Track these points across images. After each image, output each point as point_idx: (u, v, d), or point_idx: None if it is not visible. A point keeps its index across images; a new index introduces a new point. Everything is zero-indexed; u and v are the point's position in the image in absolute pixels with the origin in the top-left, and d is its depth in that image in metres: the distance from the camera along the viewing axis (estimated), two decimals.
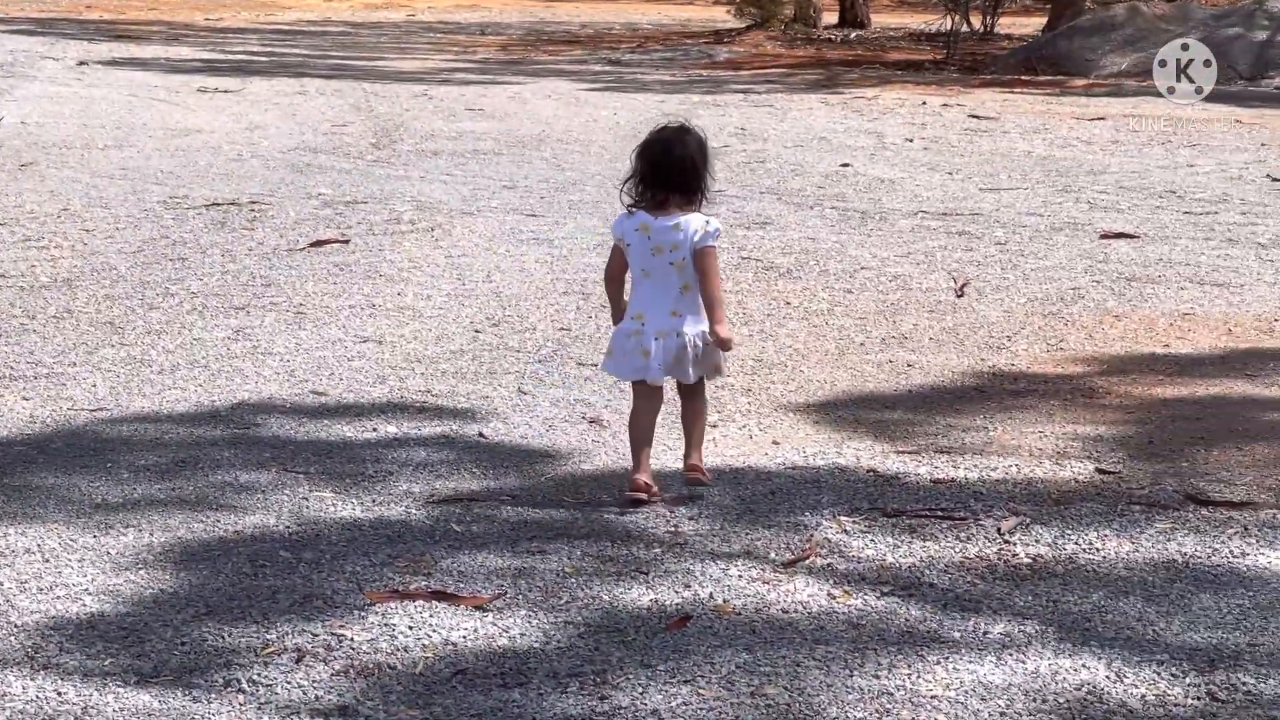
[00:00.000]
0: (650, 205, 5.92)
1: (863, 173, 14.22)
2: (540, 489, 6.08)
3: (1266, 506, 5.88)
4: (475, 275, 9.78)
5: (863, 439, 6.72)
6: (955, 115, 18.74)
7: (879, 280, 9.67)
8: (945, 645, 4.72)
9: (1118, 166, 14.60)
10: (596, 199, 12.64)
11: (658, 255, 5.89)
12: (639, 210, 5.94)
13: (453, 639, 4.77)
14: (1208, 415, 7.06)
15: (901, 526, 5.68)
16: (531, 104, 19.84)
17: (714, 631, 4.82)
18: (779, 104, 19.95)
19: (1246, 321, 8.70)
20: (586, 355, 7.97)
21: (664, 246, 5.89)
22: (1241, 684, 4.47)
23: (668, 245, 5.89)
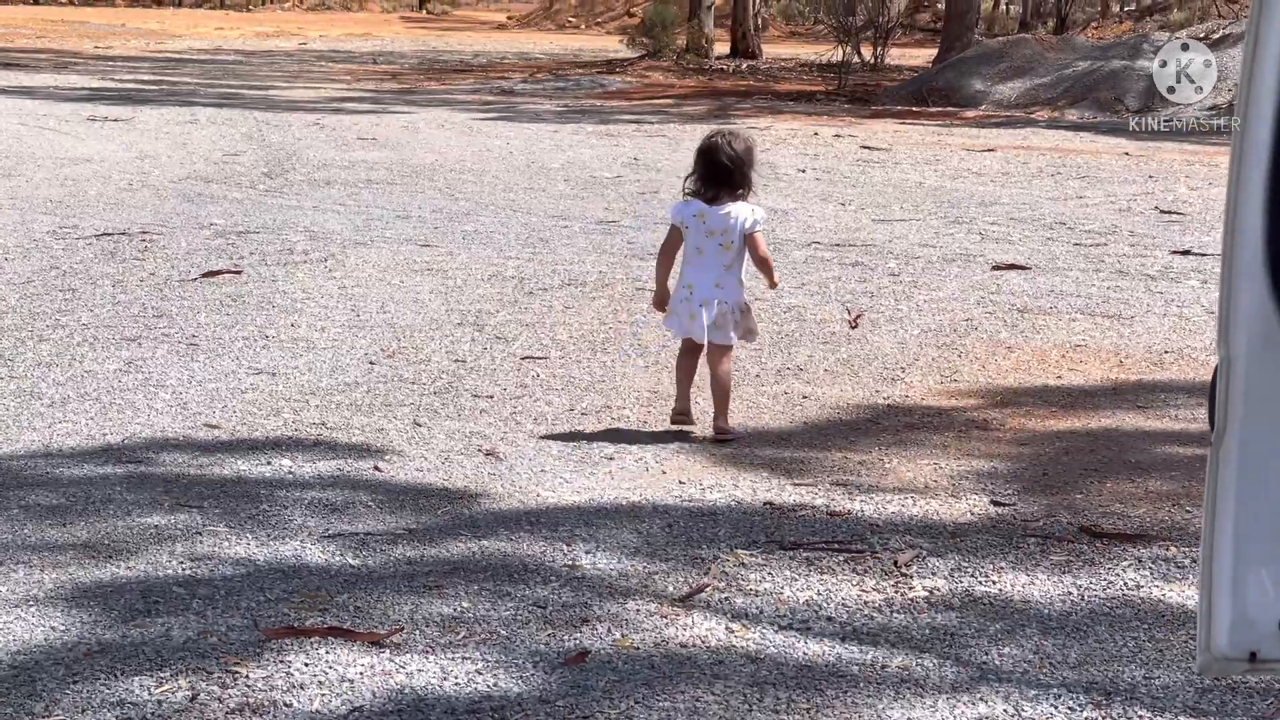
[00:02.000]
0: (705, 197, 7.21)
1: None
2: (436, 524, 6.05)
3: (1160, 539, 5.93)
4: (369, 306, 9.74)
5: (759, 472, 6.73)
6: (847, 146, 18.85)
7: (774, 311, 9.70)
8: (844, 680, 4.73)
9: (1008, 198, 14.73)
10: (491, 229, 12.63)
11: (710, 237, 7.20)
12: (695, 200, 7.23)
13: (349, 675, 4.73)
14: (1100, 447, 7.12)
15: (799, 559, 5.69)
16: (424, 133, 19.81)
17: (612, 667, 4.80)
18: (671, 134, 20.01)
19: (1137, 353, 8.79)
20: (481, 386, 7.95)
21: (716, 230, 7.20)
22: (1137, 716, 4.50)
23: (720, 229, 7.21)
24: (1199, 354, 8.83)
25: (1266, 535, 2.54)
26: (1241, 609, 2.52)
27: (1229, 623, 2.53)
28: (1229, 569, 2.53)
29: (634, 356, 8.55)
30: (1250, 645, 2.52)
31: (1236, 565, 2.53)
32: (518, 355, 8.58)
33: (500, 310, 9.64)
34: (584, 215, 13.48)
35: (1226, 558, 2.53)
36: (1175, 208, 14.20)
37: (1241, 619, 2.52)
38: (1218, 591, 2.52)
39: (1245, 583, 2.52)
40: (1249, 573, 2.52)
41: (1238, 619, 2.53)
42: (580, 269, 10.92)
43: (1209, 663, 2.54)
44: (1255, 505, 2.54)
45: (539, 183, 15.55)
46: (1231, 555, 2.53)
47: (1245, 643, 2.51)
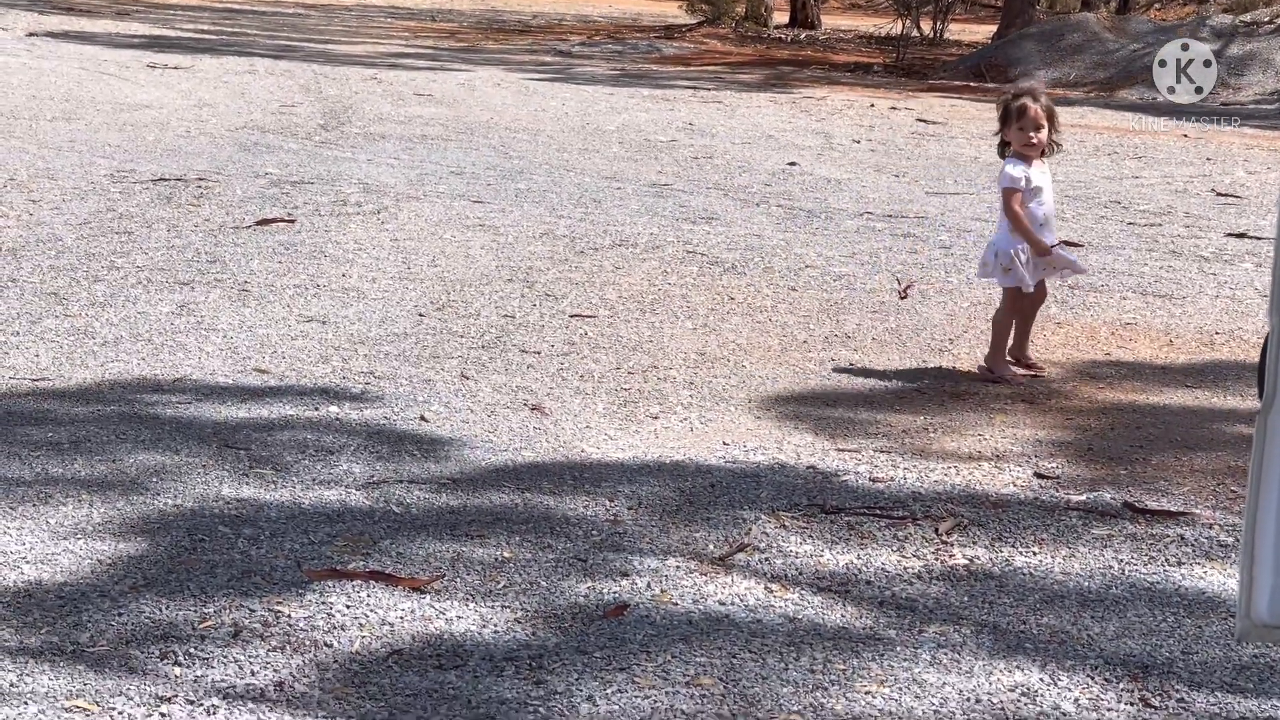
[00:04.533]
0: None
1: (809, 172, 14.26)
2: (480, 475, 6.08)
3: (1203, 517, 5.92)
4: (420, 259, 9.76)
5: (803, 436, 6.74)
6: (903, 119, 18.81)
7: (823, 279, 9.70)
8: (881, 643, 4.75)
9: (1063, 175, 14.65)
10: (544, 188, 12.65)
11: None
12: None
13: (390, 619, 4.77)
14: (1146, 424, 7.11)
15: (839, 524, 5.70)
16: (480, 91, 19.82)
17: (651, 621, 4.83)
18: (728, 101, 19.98)
19: (1188, 333, 8.76)
20: (529, 342, 7.97)
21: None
22: (1174, 691, 4.51)
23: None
24: (1250, 335, 8.80)
25: None
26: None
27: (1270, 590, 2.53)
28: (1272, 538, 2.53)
29: (682, 318, 8.56)
30: None
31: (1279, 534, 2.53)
32: (566, 313, 8.60)
33: (550, 268, 9.66)
34: (637, 178, 13.48)
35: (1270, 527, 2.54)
36: (1232, 190, 14.13)
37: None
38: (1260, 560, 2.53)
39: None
40: None
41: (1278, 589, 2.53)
42: (631, 230, 10.94)
43: (1248, 630, 2.55)
44: None
45: (593, 144, 15.55)
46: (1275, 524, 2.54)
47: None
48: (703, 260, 10.07)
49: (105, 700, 4.20)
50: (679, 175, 13.73)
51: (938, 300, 9.28)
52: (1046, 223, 7.75)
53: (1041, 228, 7.71)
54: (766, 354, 8.00)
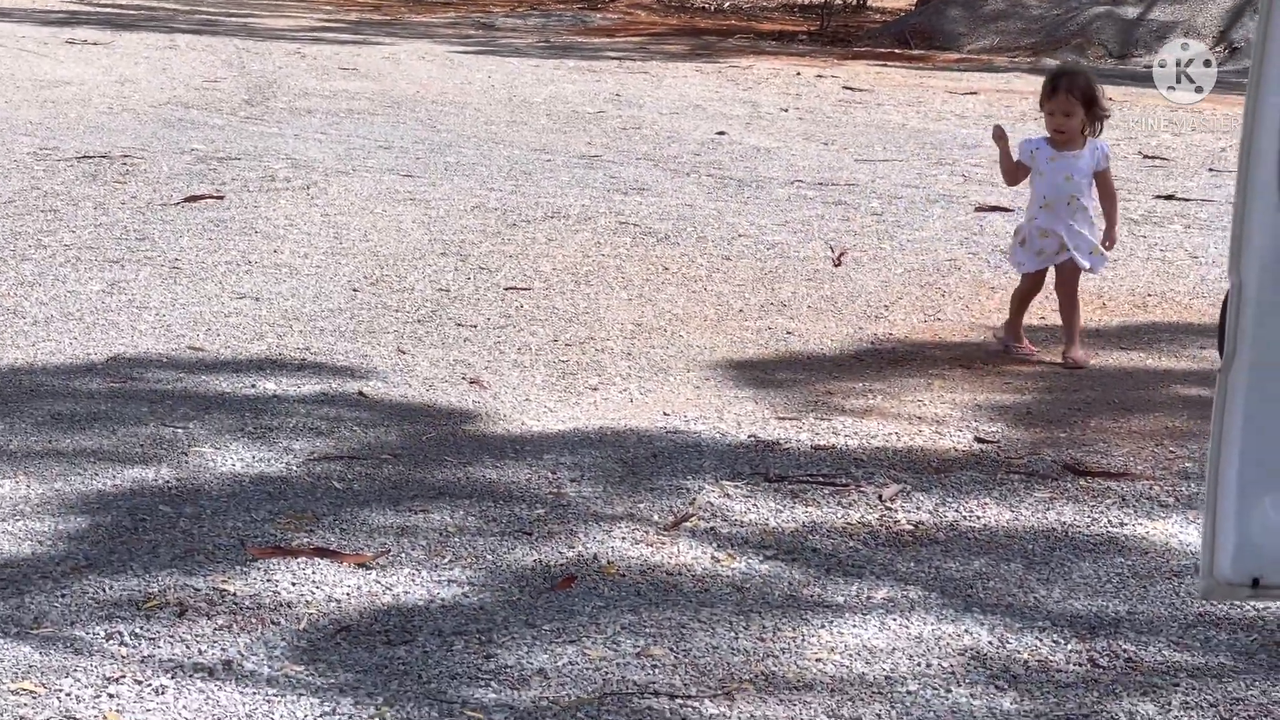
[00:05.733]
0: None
1: (738, 141, 14.25)
2: (421, 448, 6.05)
3: (1143, 477, 5.95)
4: (352, 234, 9.71)
5: (743, 405, 6.74)
6: (829, 86, 18.81)
7: (757, 248, 9.70)
8: (829, 609, 4.75)
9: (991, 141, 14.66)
10: (473, 161, 12.59)
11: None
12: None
13: (336, 595, 4.74)
14: (1084, 387, 7.14)
15: (783, 492, 5.70)
16: (405, 64, 19.71)
17: (598, 592, 4.82)
18: (654, 71, 19.94)
19: (1120, 295, 8.80)
20: (465, 316, 7.94)
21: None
22: (1122, 650, 4.53)
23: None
24: (1182, 297, 8.85)
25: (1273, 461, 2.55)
26: (1245, 534, 2.53)
27: (1233, 548, 2.54)
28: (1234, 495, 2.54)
29: (617, 289, 8.55)
30: (1253, 571, 2.53)
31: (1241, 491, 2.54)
32: (501, 286, 8.56)
33: (483, 241, 9.62)
34: (566, 149, 13.44)
35: (1232, 483, 2.54)
36: (1159, 153, 14.20)
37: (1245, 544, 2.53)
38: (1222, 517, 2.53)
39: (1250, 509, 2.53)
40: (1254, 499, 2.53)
41: (1241, 544, 2.54)
42: (563, 202, 10.90)
43: (1211, 588, 2.56)
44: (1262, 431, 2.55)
45: (521, 116, 15.50)
46: (1237, 481, 2.55)
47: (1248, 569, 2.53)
48: (636, 231, 10.05)
49: (52, 682, 4.16)
50: (608, 146, 13.70)
51: (872, 267, 9.29)
52: (1051, 209, 7.50)
53: (1042, 210, 7.53)
54: (703, 323, 7.99)
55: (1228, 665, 4.46)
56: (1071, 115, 7.50)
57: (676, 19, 28.51)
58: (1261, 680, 4.37)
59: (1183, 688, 4.32)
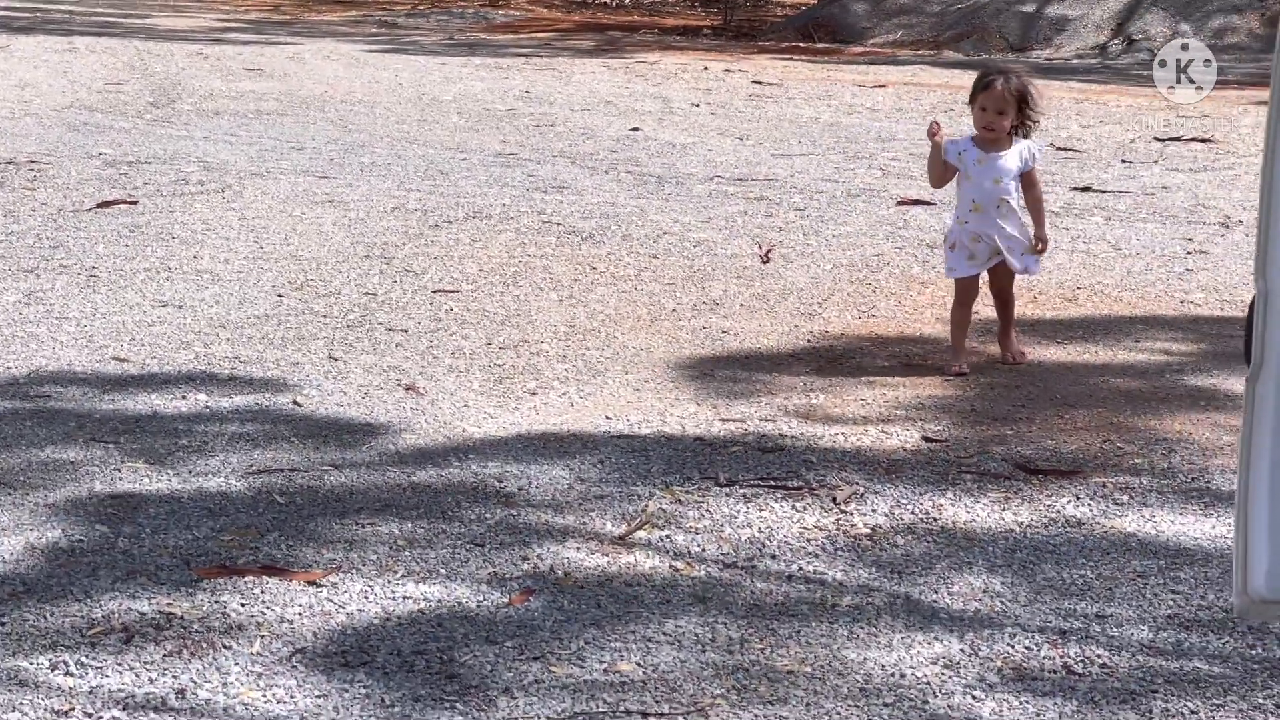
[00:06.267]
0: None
1: (653, 137, 14.15)
2: (362, 460, 5.91)
3: (1096, 475, 5.89)
4: (272, 238, 9.53)
5: (685, 407, 6.63)
6: (738, 81, 18.74)
7: (683, 246, 9.59)
8: (795, 619, 4.65)
9: (904, 134, 14.67)
10: (388, 160, 12.43)
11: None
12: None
13: (288, 616, 4.59)
14: (1024, 383, 7.08)
15: (735, 496, 5.60)
16: (310, 64, 19.50)
17: (558, 606, 4.70)
18: (562, 68, 19.81)
19: (1050, 289, 8.75)
20: (395, 320, 7.79)
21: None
22: (1096, 658, 4.45)
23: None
24: (1110, 290, 8.82)
25: None
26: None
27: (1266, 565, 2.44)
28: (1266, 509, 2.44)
29: (547, 290, 8.42)
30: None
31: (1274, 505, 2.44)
32: (429, 289, 8.42)
33: (406, 243, 9.47)
34: (481, 148, 13.29)
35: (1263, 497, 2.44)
36: (1070, 144, 14.20)
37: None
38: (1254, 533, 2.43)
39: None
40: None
41: (1276, 561, 2.44)
42: (483, 201, 10.76)
43: (1246, 607, 2.45)
44: None
45: (432, 115, 15.34)
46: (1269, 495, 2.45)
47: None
48: (559, 230, 9.93)
49: None
50: (523, 144, 13.56)
51: (800, 264, 9.21)
52: (981, 211, 7.22)
53: (972, 213, 7.24)
54: (637, 324, 7.87)
55: (1204, 670, 4.39)
56: (1004, 114, 7.23)
57: (579, 15, 28.38)
58: (1240, 686, 4.30)
59: (1162, 694, 4.24)
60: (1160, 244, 10.02)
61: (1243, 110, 16.91)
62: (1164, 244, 10.03)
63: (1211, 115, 16.42)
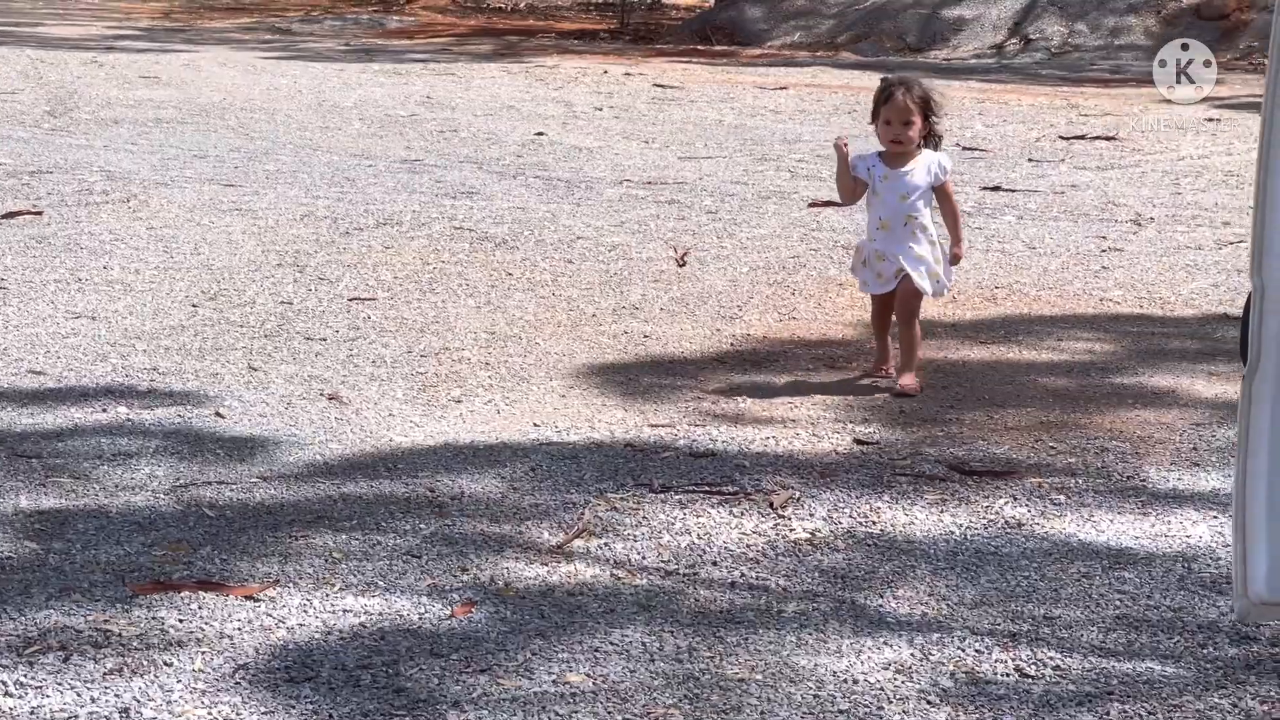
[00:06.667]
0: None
1: (559, 141, 14.08)
2: (291, 471, 5.81)
3: (1030, 475, 5.88)
4: (182, 247, 9.39)
5: (613, 412, 6.57)
6: (639, 84, 18.70)
7: (597, 250, 9.53)
8: (742, 627, 4.60)
9: (810, 135, 14.68)
10: (293, 168, 12.31)
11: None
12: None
13: (228, 632, 4.50)
14: (951, 383, 7.06)
15: (671, 503, 5.55)
16: (207, 72, 19.29)
17: (501, 617, 4.63)
18: (461, 73, 19.70)
19: (969, 289, 8.76)
20: (313, 329, 7.69)
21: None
22: (1048, 660, 4.42)
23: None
24: (1028, 289, 8.84)
25: None
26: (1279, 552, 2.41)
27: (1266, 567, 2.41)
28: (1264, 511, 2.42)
29: (464, 297, 8.34)
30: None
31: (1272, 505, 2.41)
32: (344, 296, 8.32)
33: (318, 251, 9.36)
34: (386, 154, 13.18)
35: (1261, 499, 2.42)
36: (976, 144, 14.26)
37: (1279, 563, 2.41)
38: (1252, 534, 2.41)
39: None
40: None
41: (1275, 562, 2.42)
42: (393, 208, 10.66)
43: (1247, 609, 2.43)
44: None
45: (333, 121, 15.20)
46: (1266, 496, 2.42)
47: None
48: (472, 236, 9.84)
49: None
50: (428, 150, 13.46)
51: (716, 267, 9.17)
52: (888, 230, 6.95)
53: (879, 231, 6.97)
54: (557, 329, 7.81)
55: (1157, 670, 4.38)
56: (911, 125, 6.94)
57: (474, 20, 28.25)
58: (1195, 686, 4.29)
59: (1117, 695, 4.22)
60: (1074, 242, 10.06)
61: (1143, 108, 17.05)
62: (1078, 242, 10.07)
63: (1113, 113, 16.54)
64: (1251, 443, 2.44)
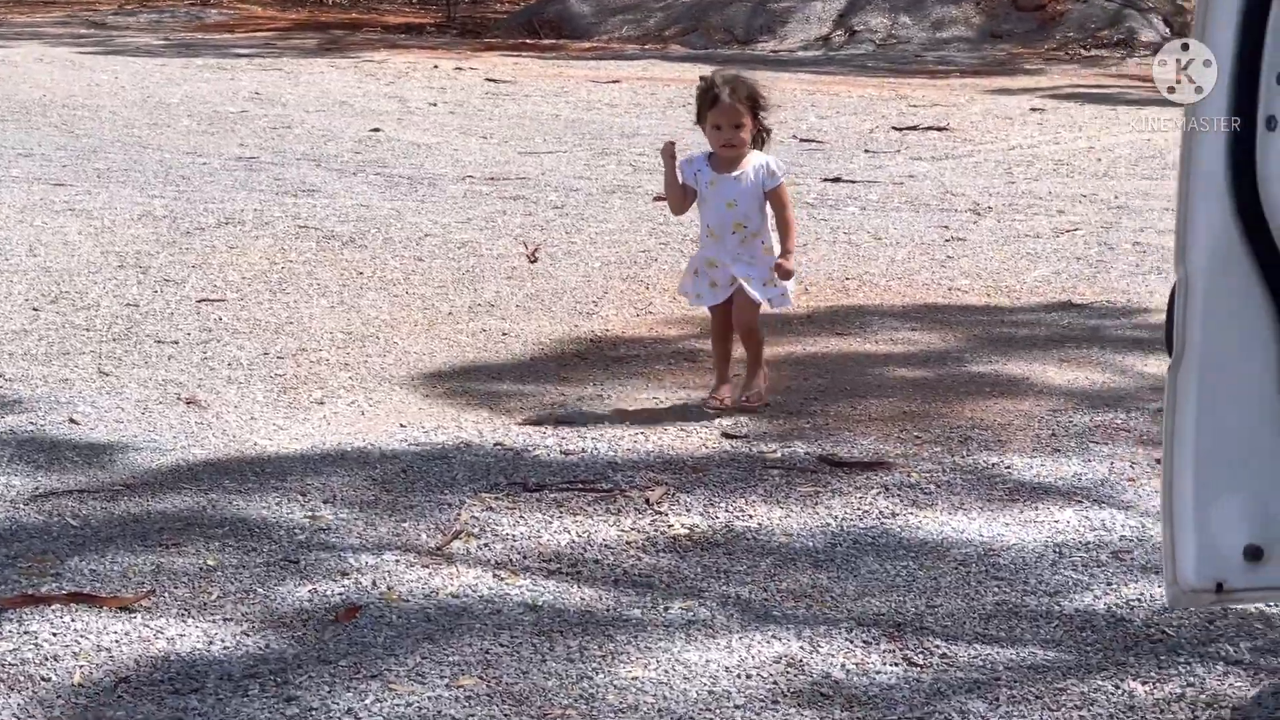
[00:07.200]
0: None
1: (396, 137, 13.98)
2: (154, 478, 5.70)
3: (898, 466, 5.90)
4: (16, 249, 9.20)
5: (479, 411, 6.52)
6: (471, 79, 18.62)
7: (447, 247, 9.46)
8: (630, 625, 4.57)
9: (648, 129, 14.69)
10: (125, 166, 12.11)
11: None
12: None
13: (105, 644, 4.40)
14: (812, 375, 7.09)
15: (546, 502, 5.51)
16: (23, 68, 18.93)
17: (387, 621, 4.57)
18: (288, 67, 19.49)
19: (820, 280, 8.80)
20: (163, 331, 7.56)
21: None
22: (934, 648, 4.44)
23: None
24: (878, 279, 8.90)
25: (1228, 461, 2.45)
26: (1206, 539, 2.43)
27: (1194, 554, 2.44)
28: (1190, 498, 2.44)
29: (316, 297, 8.24)
30: (1216, 576, 2.44)
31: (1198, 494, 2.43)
32: (192, 298, 8.19)
33: (160, 251, 9.20)
34: (219, 152, 13.00)
35: (1188, 486, 2.44)
36: (812, 136, 14.34)
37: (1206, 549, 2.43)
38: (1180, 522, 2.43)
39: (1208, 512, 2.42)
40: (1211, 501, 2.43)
41: (1203, 549, 2.44)
42: (233, 207, 10.51)
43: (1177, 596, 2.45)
44: (1216, 430, 2.45)
45: (161, 118, 14.97)
46: (1193, 484, 2.44)
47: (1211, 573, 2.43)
48: (318, 234, 9.73)
49: None
50: (263, 147, 13.30)
51: (568, 262, 9.14)
52: (717, 238, 6.50)
53: (708, 239, 6.54)
54: (414, 328, 7.74)
55: (1040, 656, 4.41)
56: (742, 126, 6.45)
57: (296, 13, 27.97)
58: (1077, 669, 4.33)
59: (1004, 681, 4.25)
60: (918, 232, 10.14)
61: (969, 99, 17.25)
62: (921, 232, 10.15)
63: (941, 104, 16.71)
64: (1177, 433, 2.46)
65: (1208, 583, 2.44)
